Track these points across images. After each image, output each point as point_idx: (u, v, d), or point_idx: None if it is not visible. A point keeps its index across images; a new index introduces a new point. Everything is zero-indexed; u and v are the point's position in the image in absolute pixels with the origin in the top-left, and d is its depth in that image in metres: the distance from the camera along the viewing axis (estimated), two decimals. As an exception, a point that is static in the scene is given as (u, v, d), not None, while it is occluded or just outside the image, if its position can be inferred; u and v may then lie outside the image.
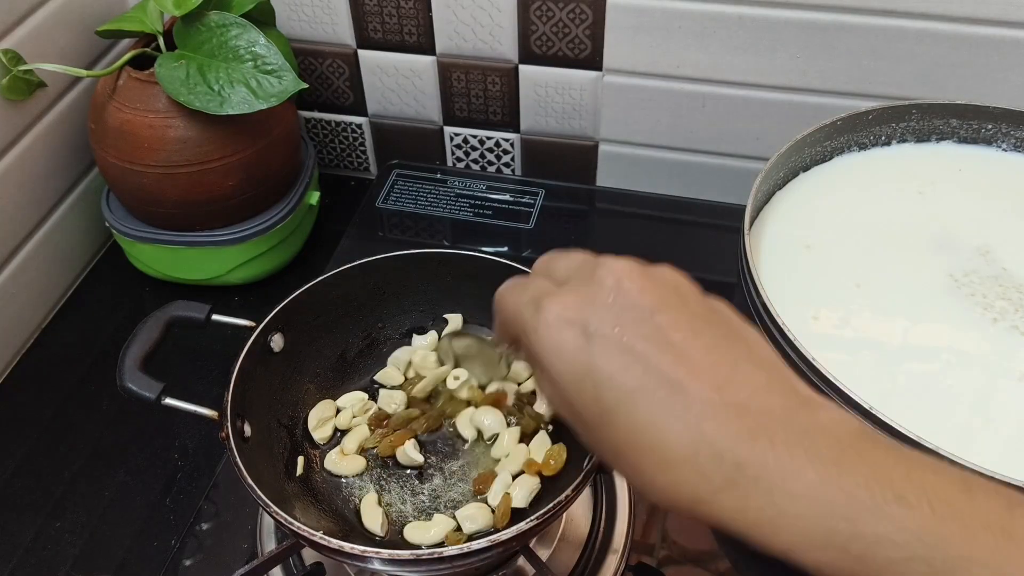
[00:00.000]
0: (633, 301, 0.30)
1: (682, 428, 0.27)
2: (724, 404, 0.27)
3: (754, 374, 0.29)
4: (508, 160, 0.83)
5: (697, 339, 0.29)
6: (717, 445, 0.27)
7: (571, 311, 0.30)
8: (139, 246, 0.72)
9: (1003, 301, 0.53)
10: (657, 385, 0.28)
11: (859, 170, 0.61)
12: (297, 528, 0.42)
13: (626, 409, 0.28)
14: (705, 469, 0.27)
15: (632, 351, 0.29)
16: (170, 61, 0.63)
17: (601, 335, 0.29)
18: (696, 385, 0.28)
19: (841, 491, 0.25)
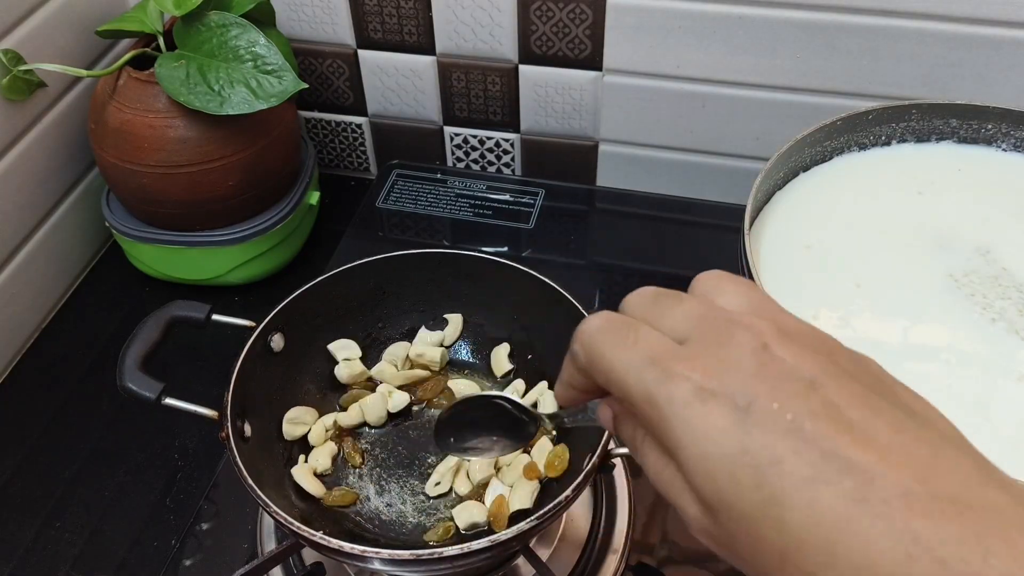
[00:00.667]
0: (789, 369, 0.25)
1: (886, 527, 0.22)
2: (934, 497, 0.22)
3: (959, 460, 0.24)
4: (508, 160, 0.83)
5: (878, 417, 0.24)
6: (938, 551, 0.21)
7: (713, 381, 0.25)
8: (139, 246, 0.72)
9: (1003, 301, 0.53)
10: (843, 471, 0.23)
11: (859, 170, 0.61)
12: (297, 528, 0.42)
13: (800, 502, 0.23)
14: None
15: (803, 432, 0.23)
16: (170, 61, 0.63)
17: (759, 411, 0.24)
18: (894, 473, 0.22)
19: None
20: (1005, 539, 0.22)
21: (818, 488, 0.23)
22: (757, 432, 0.24)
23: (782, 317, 0.27)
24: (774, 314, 0.27)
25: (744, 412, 0.24)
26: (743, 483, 0.24)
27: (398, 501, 0.52)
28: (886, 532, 0.22)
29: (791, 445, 0.23)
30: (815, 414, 0.24)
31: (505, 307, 0.56)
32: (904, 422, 0.24)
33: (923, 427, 0.24)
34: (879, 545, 0.22)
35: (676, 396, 0.25)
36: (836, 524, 0.23)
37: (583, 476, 0.43)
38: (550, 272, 0.53)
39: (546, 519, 0.42)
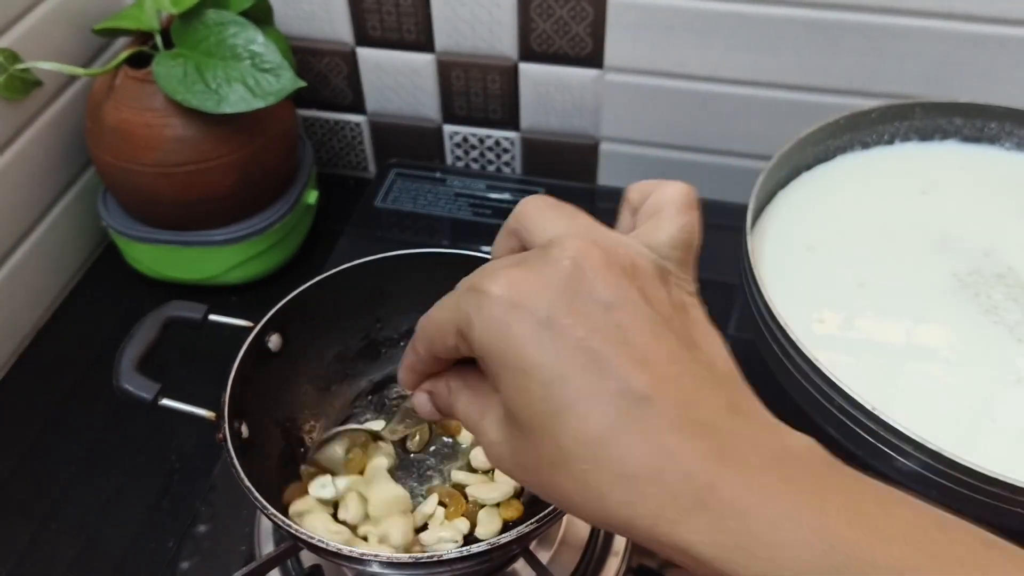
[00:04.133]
0: (590, 290, 0.26)
1: (644, 442, 0.25)
2: (690, 420, 0.25)
3: (718, 391, 0.27)
4: (508, 159, 0.83)
5: (659, 345, 0.26)
6: (686, 464, 0.25)
7: (516, 291, 0.27)
8: (136, 246, 0.71)
9: (1008, 301, 0.52)
10: (616, 392, 0.25)
11: (862, 169, 0.61)
12: (295, 531, 0.42)
13: (578, 415, 0.25)
14: (672, 488, 0.25)
15: (590, 350, 0.26)
16: (167, 59, 0.62)
17: (556, 326, 0.26)
18: (660, 397, 0.25)
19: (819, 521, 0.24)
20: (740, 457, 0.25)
21: (593, 405, 0.25)
22: (551, 346, 0.26)
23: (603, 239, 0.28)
24: (594, 236, 0.28)
25: (542, 326, 0.26)
26: (533, 394, 0.26)
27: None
28: (644, 446, 0.25)
29: (578, 362, 0.26)
30: (604, 336, 0.26)
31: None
32: (680, 353, 0.27)
33: (696, 361, 0.27)
34: (636, 456, 0.25)
35: (485, 309, 0.27)
36: (602, 437, 0.25)
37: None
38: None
39: (546, 522, 0.42)
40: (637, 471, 0.25)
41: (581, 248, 0.27)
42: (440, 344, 0.30)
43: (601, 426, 0.25)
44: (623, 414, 0.25)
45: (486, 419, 0.30)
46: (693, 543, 0.25)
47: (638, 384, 0.25)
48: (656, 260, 0.29)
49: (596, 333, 0.26)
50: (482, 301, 0.27)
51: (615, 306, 0.26)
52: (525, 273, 0.27)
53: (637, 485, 0.25)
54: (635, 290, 0.27)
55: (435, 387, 0.33)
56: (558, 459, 0.26)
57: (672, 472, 0.25)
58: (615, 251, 0.28)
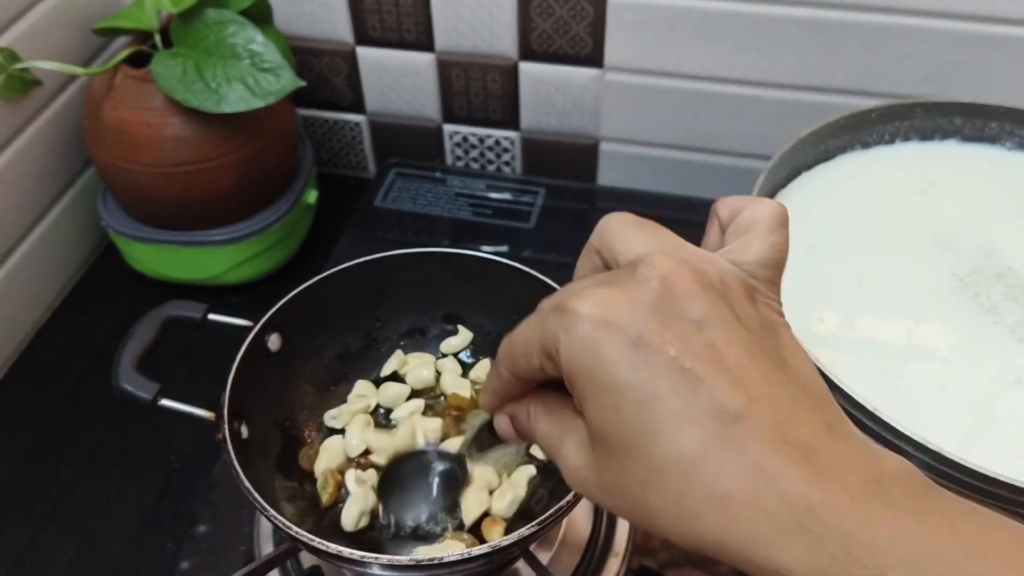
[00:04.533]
0: (680, 308, 0.26)
1: (740, 464, 0.25)
2: (786, 442, 0.25)
3: (815, 414, 0.26)
4: (508, 159, 0.82)
5: (753, 364, 0.26)
6: (783, 485, 0.24)
7: (605, 310, 0.26)
8: (135, 246, 0.71)
9: (1008, 301, 0.52)
10: (709, 412, 0.25)
11: (862, 169, 0.61)
12: (295, 532, 0.42)
13: (671, 435, 0.25)
14: (769, 510, 0.24)
15: (682, 369, 0.25)
16: (167, 59, 0.62)
17: (648, 345, 0.26)
18: (756, 417, 0.25)
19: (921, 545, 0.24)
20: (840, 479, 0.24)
21: (686, 425, 0.25)
22: (643, 366, 0.25)
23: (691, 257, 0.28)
24: (680, 252, 0.28)
25: (634, 346, 0.26)
26: (624, 415, 0.26)
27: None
28: (739, 467, 0.24)
29: (670, 382, 0.25)
30: (696, 355, 0.25)
31: (505, 307, 0.56)
32: (774, 373, 0.26)
33: (790, 380, 0.27)
34: (731, 477, 0.24)
35: (574, 329, 0.27)
36: (695, 458, 0.25)
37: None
38: (550, 272, 0.53)
39: (547, 524, 0.42)
40: (732, 492, 0.25)
41: (669, 266, 0.27)
42: (525, 365, 0.30)
43: (695, 445, 0.25)
44: (717, 434, 0.25)
45: (566, 444, 0.29)
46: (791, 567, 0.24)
47: (733, 403, 0.25)
48: (744, 279, 0.29)
49: (688, 352, 0.26)
50: (571, 321, 0.27)
51: (707, 324, 0.26)
52: (613, 292, 0.27)
53: (732, 506, 0.25)
54: (726, 308, 0.27)
55: (516, 411, 0.32)
56: (649, 480, 0.26)
57: (769, 493, 0.24)
58: (703, 269, 0.28)
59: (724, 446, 0.25)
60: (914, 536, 0.24)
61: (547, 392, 0.32)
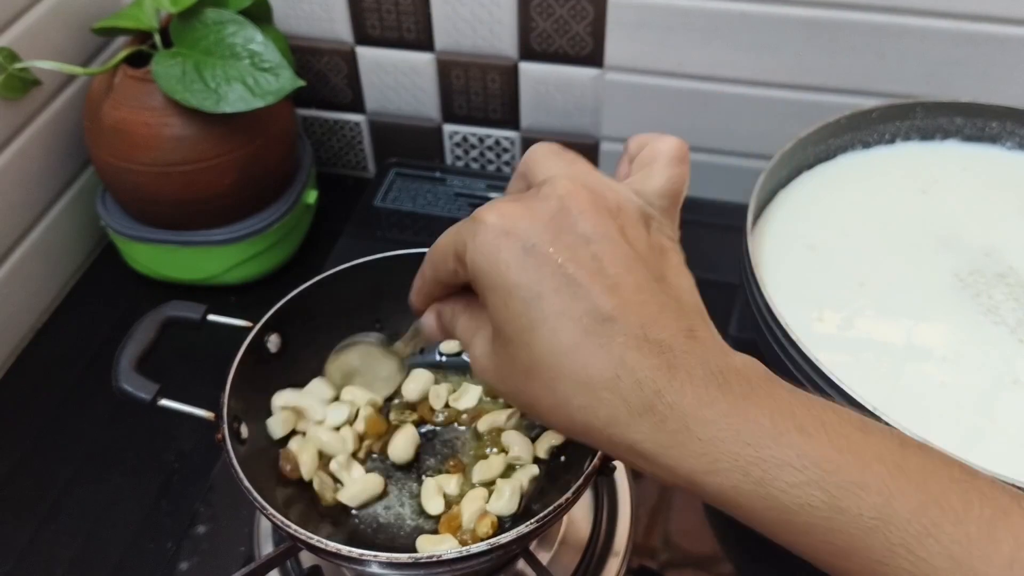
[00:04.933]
0: (572, 224, 0.30)
1: (605, 355, 0.28)
2: (647, 339, 0.29)
3: (678, 318, 0.30)
4: (508, 159, 0.82)
5: (630, 275, 0.30)
6: (638, 374, 0.28)
7: (507, 220, 0.30)
8: (135, 246, 0.71)
9: (1009, 301, 0.52)
10: (584, 312, 0.29)
11: (863, 168, 0.61)
12: (294, 531, 0.42)
13: (550, 329, 0.29)
14: (625, 394, 0.28)
15: (566, 275, 0.29)
16: (166, 58, 0.62)
17: (538, 252, 0.30)
18: (623, 319, 0.29)
19: (748, 420, 0.27)
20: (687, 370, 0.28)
21: (562, 320, 0.29)
22: (532, 269, 0.30)
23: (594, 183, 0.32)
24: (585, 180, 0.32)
25: (526, 252, 0.30)
26: (512, 310, 0.30)
27: (396, 504, 0.51)
28: (603, 357, 0.29)
29: (553, 284, 0.29)
30: (580, 263, 0.29)
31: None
32: (649, 284, 0.30)
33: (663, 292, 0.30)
34: (597, 367, 0.29)
35: (479, 235, 0.31)
36: (568, 349, 0.29)
37: (583, 478, 0.43)
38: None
39: (546, 522, 0.42)
40: (596, 379, 0.29)
41: (570, 188, 0.31)
42: (442, 268, 0.34)
43: (569, 339, 0.29)
44: (589, 331, 0.29)
45: (477, 336, 0.34)
46: (639, 441, 0.28)
47: (606, 306, 0.29)
48: (641, 206, 0.33)
49: (573, 261, 0.29)
50: (477, 228, 0.31)
51: (594, 240, 0.30)
52: (518, 207, 0.31)
53: (595, 391, 0.29)
54: (615, 228, 0.31)
55: (441, 309, 0.37)
56: (531, 368, 0.30)
57: (626, 380, 0.28)
58: (602, 193, 0.31)
59: (593, 341, 0.29)
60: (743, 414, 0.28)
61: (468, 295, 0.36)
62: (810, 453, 0.27)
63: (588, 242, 0.30)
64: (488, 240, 0.30)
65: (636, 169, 0.35)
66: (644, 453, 0.29)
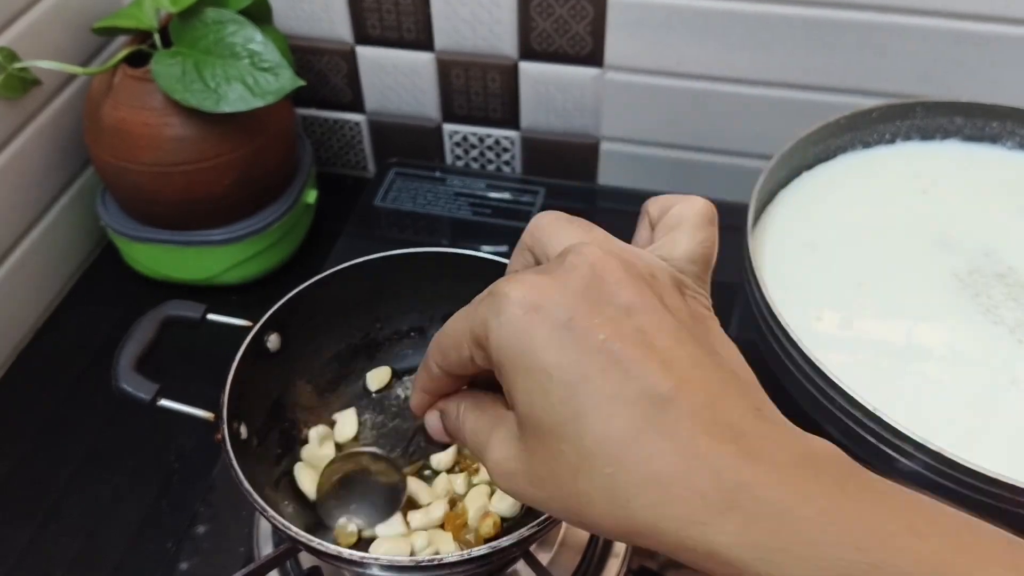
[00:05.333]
0: (610, 294, 0.27)
1: (671, 445, 0.25)
2: (716, 423, 0.25)
3: (743, 398, 0.26)
4: (508, 158, 0.82)
5: (682, 349, 0.26)
6: (715, 463, 0.24)
7: (535, 293, 0.26)
8: (135, 245, 0.71)
9: (1009, 301, 0.52)
10: (640, 394, 0.25)
11: (863, 168, 0.61)
12: (294, 532, 0.42)
13: (602, 416, 0.25)
14: (701, 488, 0.24)
15: (612, 352, 0.25)
16: (166, 58, 0.62)
17: (577, 328, 0.26)
18: (685, 399, 0.25)
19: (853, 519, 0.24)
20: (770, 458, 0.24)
21: (617, 406, 0.25)
22: (571, 348, 0.26)
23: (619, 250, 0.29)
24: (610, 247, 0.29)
25: (563, 328, 0.26)
26: (553, 397, 0.26)
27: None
28: (670, 448, 0.25)
29: (600, 364, 0.25)
30: (625, 337, 0.26)
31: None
32: (703, 358, 0.27)
33: (719, 366, 0.27)
34: (663, 459, 0.24)
35: (503, 313, 0.27)
36: (626, 439, 0.25)
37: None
38: (550, 272, 0.53)
39: (547, 524, 0.42)
40: (664, 473, 0.24)
41: (598, 255, 0.27)
42: (455, 356, 0.30)
43: (626, 427, 0.25)
44: (648, 416, 0.25)
45: (494, 436, 0.29)
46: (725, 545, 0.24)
47: (663, 386, 0.25)
48: (672, 272, 0.29)
49: (618, 335, 0.26)
50: (501, 305, 0.27)
51: (636, 310, 0.26)
52: (544, 278, 0.27)
53: (664, 487, 0.24)
54: (654, 296, 0.27)
55: (446, 407, 0.33)
56: (580, 464, 0.26)
57: (701, 473, 0.24)
58: (631, 260, 0.28)
59: (655, 428, 0.25)
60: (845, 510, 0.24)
61: (477, 390, 0.32)
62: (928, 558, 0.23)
63: (630, 313, 0.26)
64: (516, 316, 0.26)
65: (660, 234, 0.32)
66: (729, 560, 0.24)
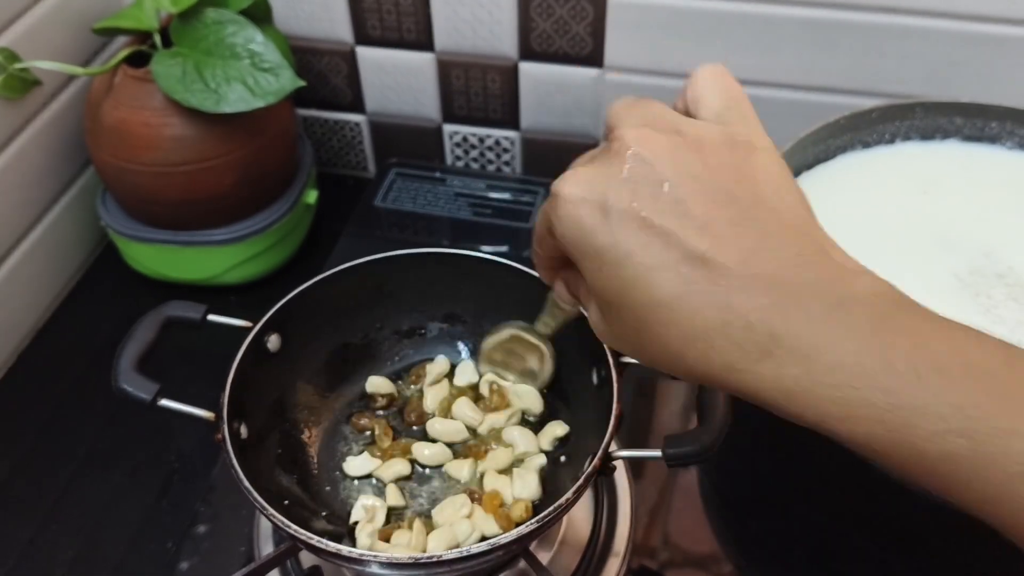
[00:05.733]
0: (649, 173, 0.29)
1: (709, 301, 0.27)
2: (751, 276, 0.27)
3: (784, 245, 0.28)
4: (508, 159, 0.82)
5: (720, 210, 0.28)
6: (748, 317, 0.27)
7: (583, 188, 0.30)
8: (135, 246, 0.71)
9: (1009, 300, 0.52)
10: (679, 260, 0.28)
11: (863, 168, 0.61)
12: (294, 531, 0.42)
13: (648, 284, 0.28)
14: (738, 339, 0.27)
15: (651, 227, 0.28)
16: (166, 58, 0.62)
17: (618, 211, 0.28)
18: (721, 257, 0.27)
19: (880, 361, 0.25)
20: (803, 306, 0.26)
21: (659, 274, 0.28)
22: (617, 229, 0.28)
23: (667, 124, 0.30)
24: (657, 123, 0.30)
25: (607, 213, 0.29)
26: (606, 274, 0.29)
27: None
28: (709, 304, 0.27)
29: (641, 239, 0.28)
30: (663, 211, 0.28)
31: (505, 307, 0.56)
32: (742, 214, 0.28)
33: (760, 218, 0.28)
34: (703, 315, 0.27)
35: (560, 208, 0.30)
36: (670, 301, 0.28)
37: (584, 478, 0.43)
38: (550, 272, 0.53)
39: (547, 522, 0.42)
40: (706, 328, 0.27)
41: (640, 136, 0.29)
42: (546, 245, 0.34)
43: (669, 291, 0.28)
44: (688, 277, 0.27)
45: (590, 303, 0.33)
46: (762, 389, 0.27)
47: (699, 248, 0.27)
48: (722, 129, 0.31)
49: (656, 210, 0.28)
50: (556, 203, 0.30)
51: (674, 183, 0.28)
52: (590, 169, 0.30)
53: (707, 340, 0.27)
54: (698, 164, 0.29)
55: (566, 276, 0.36)
56: (639, 327, 0.29)
57: (736, 325, 0.27)
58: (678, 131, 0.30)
59: (695, 287, 0.27)
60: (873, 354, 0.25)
61: None
62: (953, 399, 0.24)
63: (669, 187, 0.28)
64: (568, 211, 0.30)
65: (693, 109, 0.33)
66: (768, 401, 0.27)
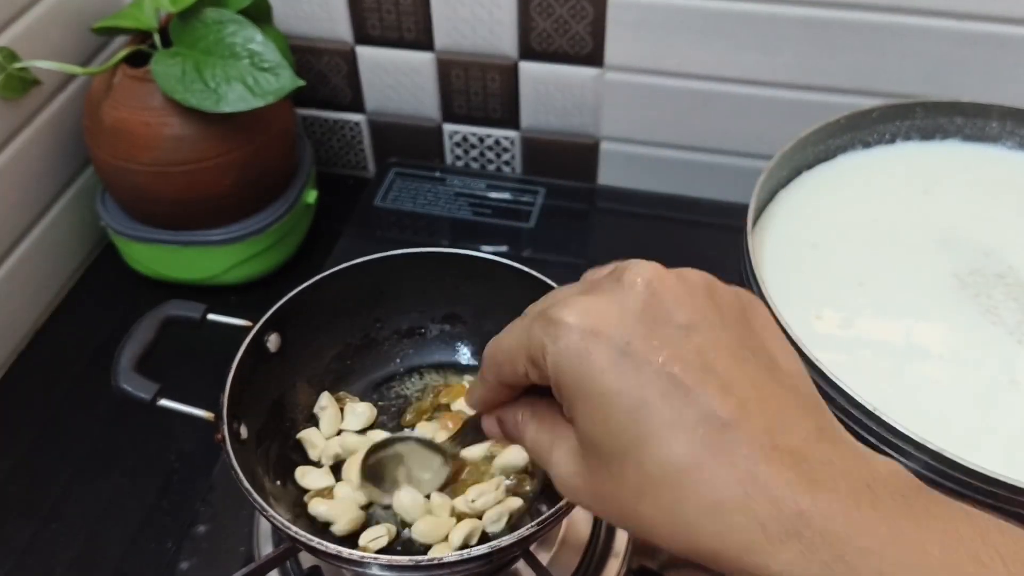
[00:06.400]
0: (668, 314, 0.27)
1: (732, 472, 0.25)
2: (776, 448, 0.25)
3: (804, 418, 0.26)
4: (508, 158, 0.82)
5: (741, 369, 0.26)
6: (774, 491, 0.24)
7: (593, 319, 0.27)
8: (134, 245, 0.71)
9: (1009, 301, 0.52)
10: (698, 420, 0.25)
11: (863, 168, 0.61)
12: (294, 532, 0.42)
13: (662, 443, 0.25)
14: (761, 517, 0.24)
15: (671, 376, 0.25)
16: (166, 58, 0.62)
17: (635, 352, 0.26)
18: (745, 425, 0.25)
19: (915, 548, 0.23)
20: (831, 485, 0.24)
21: (677, 433, 0.25)
22: (631, 373, 0.26)
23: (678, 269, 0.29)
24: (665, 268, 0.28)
25: (621, 353, 0.26)
26: (614, 423, 0.26)
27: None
28: (731, 475, 0.24)
29: (659, 388, 0.25)
30: (685, 361, 0.26)
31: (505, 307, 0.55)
32: (763, 376, 0.26)
33: (780, 383, 0.27)
34: (724, 486, 0.24)
35: (561, 338, 0.27)
36: (688, 466, 0.25)
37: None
38: (550, 272, 0.53)
39: (547, 524, 0.42)
40: (724, 500, 0.25)
41: (653, 272, 0.27)
42: (510, 371, 0.30)
43: (686, 453, 0.25)
44: (708, 441, 0.25)
45: (556, 451, 0.29)
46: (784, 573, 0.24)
47: (723, 410, 0.25)
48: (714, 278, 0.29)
49: (677, 358, 0.26)
50: (558, 330, 0.27)
51: (694, 329, 0.26)
52: (599, 300, 0.27)
53: (725, 514, 0.25)
54: (713, 311, 0.27)
55: (504, 415, 0.33)
56: (643, 488, 0.26)
57: (760, 501, 0.24)
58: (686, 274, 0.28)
59: (715, 454, 0.25)
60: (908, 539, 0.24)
61: (535, 397, 0.32)
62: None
63: (688, 333, 0.26)
64: (574, 343, 0.27)
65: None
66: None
